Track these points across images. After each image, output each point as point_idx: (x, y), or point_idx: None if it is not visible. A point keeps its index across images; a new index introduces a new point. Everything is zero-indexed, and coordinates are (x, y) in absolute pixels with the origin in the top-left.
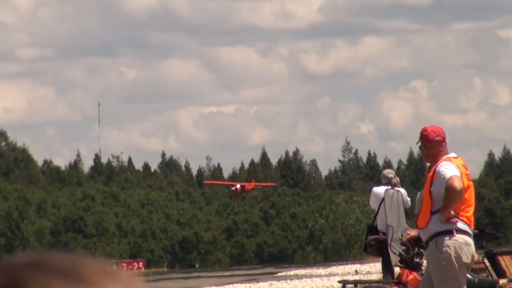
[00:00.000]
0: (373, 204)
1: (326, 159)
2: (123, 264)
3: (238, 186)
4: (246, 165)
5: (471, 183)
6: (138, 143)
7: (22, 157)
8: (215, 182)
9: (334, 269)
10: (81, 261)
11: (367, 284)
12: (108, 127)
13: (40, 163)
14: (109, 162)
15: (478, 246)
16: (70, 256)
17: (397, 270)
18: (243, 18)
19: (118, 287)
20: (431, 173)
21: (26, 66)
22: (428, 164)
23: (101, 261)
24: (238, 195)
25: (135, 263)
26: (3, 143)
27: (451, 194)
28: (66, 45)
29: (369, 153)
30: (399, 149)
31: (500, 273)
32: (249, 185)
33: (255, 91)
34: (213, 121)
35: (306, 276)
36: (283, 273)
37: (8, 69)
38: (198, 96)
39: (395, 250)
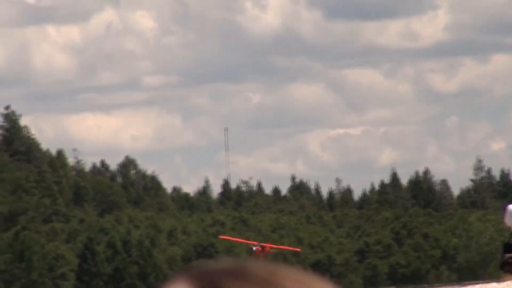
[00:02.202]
0: (509, 222)
1: (457, 178)
2: None
3: (259, 247)
4: (376, 187)
5: None
6: (267, 168)
7: (151, 184)
8: (232, 238)
9: None
10: (279, 271)
11: None
12: (236, 153)
13: (169, 190)
14: (238, 187)
15: None
16: (269, 266)
17: None
18: (367, 39)
19: None
20: None
21: (152, 93)
22: None
23: (298, 271)
24: (257, 255)
25: None
26: (133, 171)
27: None
28: (191, 72)
29: (502, 171)
30: None
31: None
32: (267, 248)
33: (382, 112)
34: (340, 143)
35: None
36: None
37: (135, 97)
38: (325, 118)
39: None
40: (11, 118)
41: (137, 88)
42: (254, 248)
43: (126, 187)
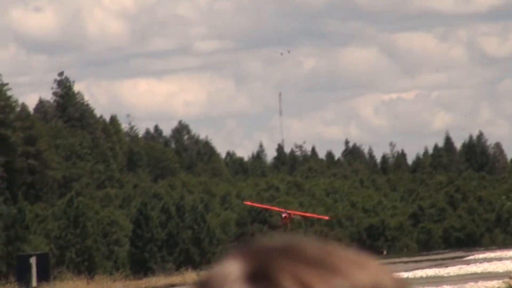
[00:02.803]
0: None
1: (511, 141)
2: None
3: (286, 214)
4: (430, 150)
5: None
6: (320, 132)
7: (205, 150)
8: (256, 204)
9: None
10: (331, 250)
11: None
12: (289, 117)
13: (223, 155)
14: (292, 151)
15: None
16: (320, 244)
17: None
18: (421, 3)
19: (368, 277)
20: None
21: (205, 59)
22: None
23: (350, 249)
24: (284, 223)
25: None
26: (186, 137)
27: None
28: (244, 37)
29: None
30: None
31: None
32: (292, 214)
33: (435, 76)
34: (393, 107)
35: (495, 259)
36: (471, 257)
37: (188, 63)
38: (378, 83)
39: None
40: (65, 85)
41: (190, 53)
42: (284, 215)
43: (180, 152)
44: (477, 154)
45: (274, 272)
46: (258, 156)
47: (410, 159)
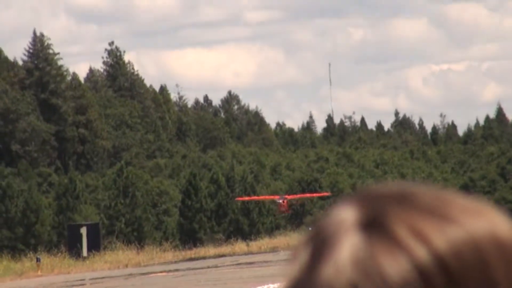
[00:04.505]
0: None
1: None
2: None
3: (284, 200)
4: (481, 122)
5: None
6: (369, 103)
7: (255, 120)
8: (249, 198)
9: None
10: (446, 197)
11: None
12: (339, 88)
13: (272, 125)
14: (341, 122)
15: None
16: (435, 192)
17: None
18: None
19: (484, 225)
20: None
21: (254, 29)
22: None
23: (465, 197)
24: (283, 210)
25: None
26: (236, 107)
27: None
28: (294, 7)
29: None
30: None
31: None
32: (290, 198)
33: (486, 47)
34: (443, 78)
35: None
36: None
37: (237, 33)
38: (428, 54)
39: None
40: (115, 54)
41: (239, 23)
42: (280, 201)
43: (229, 122)
44: None
45: (388, 220)
46: (308, 127)
47: (461, 131)
